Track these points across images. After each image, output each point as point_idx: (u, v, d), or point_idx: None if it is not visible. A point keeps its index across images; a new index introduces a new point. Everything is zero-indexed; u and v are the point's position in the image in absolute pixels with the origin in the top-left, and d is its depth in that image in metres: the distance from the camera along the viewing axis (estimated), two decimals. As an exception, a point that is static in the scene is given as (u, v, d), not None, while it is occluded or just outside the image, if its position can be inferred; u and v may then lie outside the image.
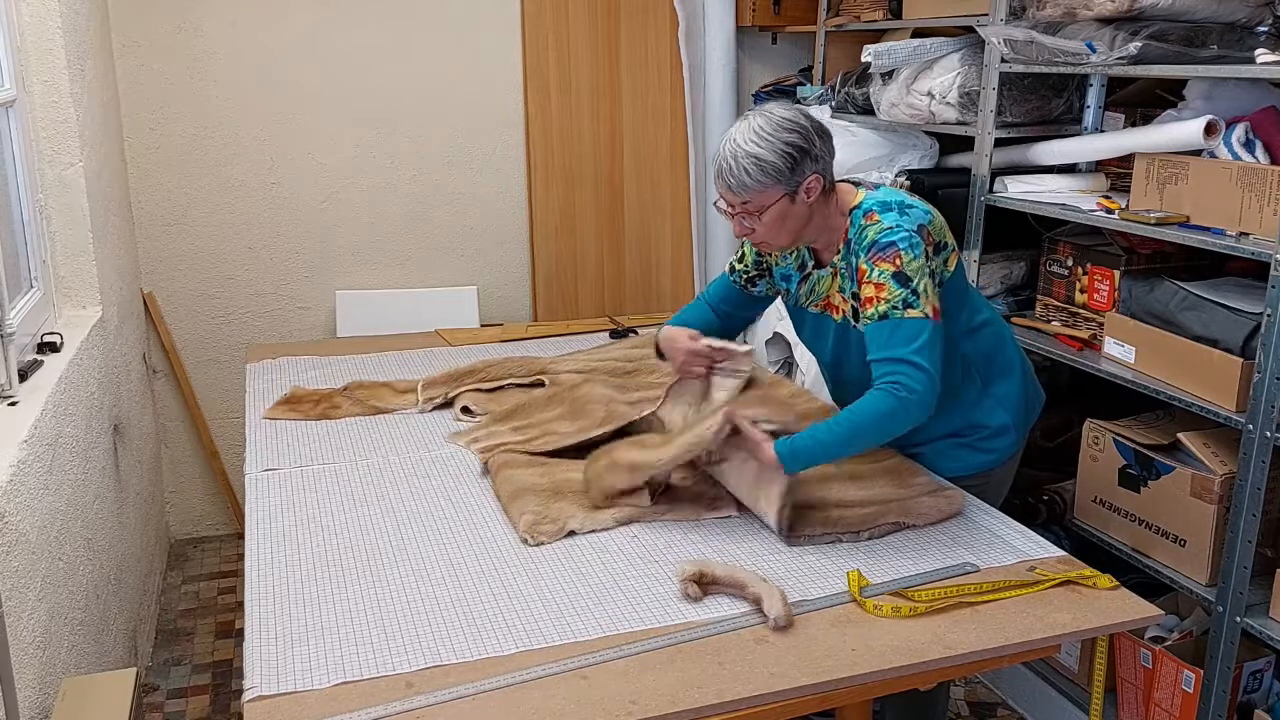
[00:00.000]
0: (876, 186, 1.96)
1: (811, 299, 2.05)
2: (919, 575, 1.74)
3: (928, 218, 1.88)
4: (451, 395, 2.54)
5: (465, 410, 2.46)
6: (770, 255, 2.09)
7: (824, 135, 1.86)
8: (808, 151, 1.82)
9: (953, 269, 1.94)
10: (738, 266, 2.15)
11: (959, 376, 2.01)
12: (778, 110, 1.85)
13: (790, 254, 2.06)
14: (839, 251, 1.95)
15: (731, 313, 2.19)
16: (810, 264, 2.03)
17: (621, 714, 1.38)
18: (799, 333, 2.17)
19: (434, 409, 2.51)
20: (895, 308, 1.80)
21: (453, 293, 3.72)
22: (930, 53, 2.89)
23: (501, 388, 2.57)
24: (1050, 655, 2.50)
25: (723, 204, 1.90)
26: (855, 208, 1.91)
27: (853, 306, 1.95)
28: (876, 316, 1.82)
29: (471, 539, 1.84)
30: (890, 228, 1.84)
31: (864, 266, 1.84)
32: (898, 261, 1.80)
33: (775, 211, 1.85)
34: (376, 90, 3.55)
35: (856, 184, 1.97)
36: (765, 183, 1.81)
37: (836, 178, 1.95)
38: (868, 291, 1.83)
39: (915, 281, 1.80)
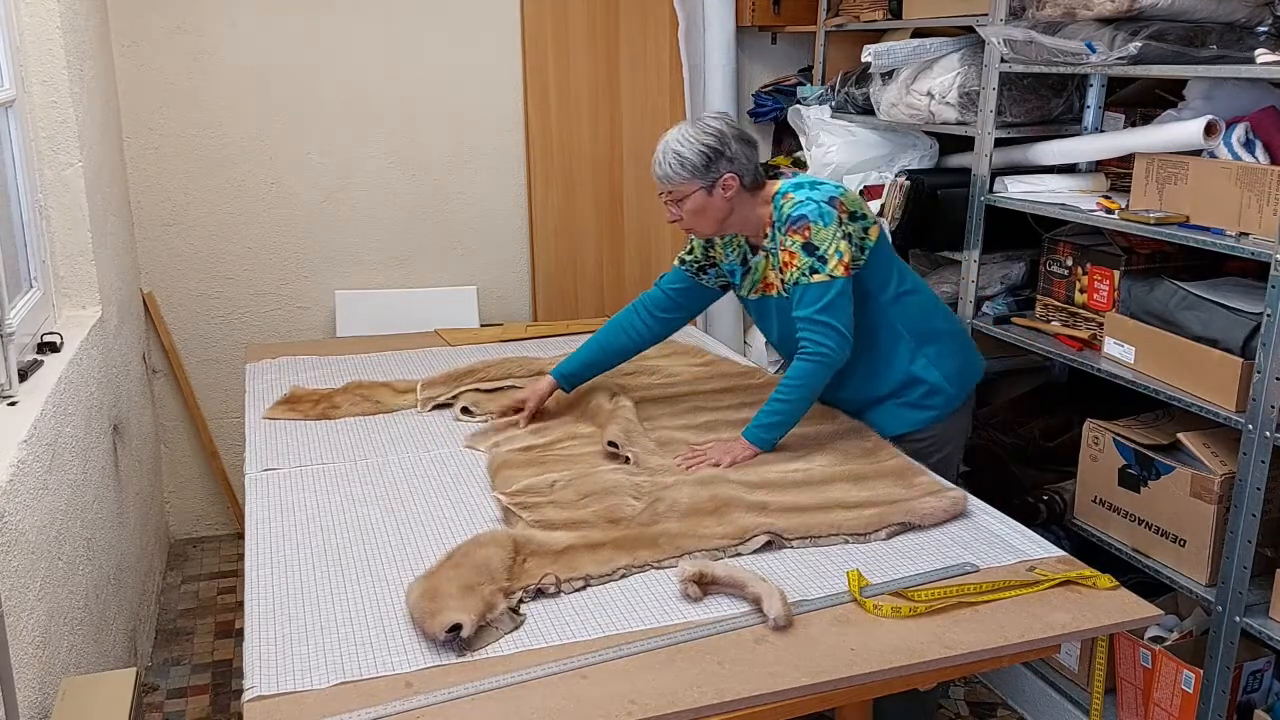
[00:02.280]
0: (795, 174, 2.20)
1: (753, 287, 2.31)
2: (919, 575, 1.74)
3: (839, 191, 2.17)
4: (451, 396, 2.54)
5: (465, 410, 2.46)
6: (715, 249, 2.36)
7: (745, 142, 2.17)
8: (721, 153, 2.13)
9: (875, 239, 2.19)
10: (686, 258, 2.40)
11: (890, 340, 2.24)
12: (706, 118, 2.18)
13: (732, 250, 2.33)
14: (768, 235, 2.22)
15: (683, 303, 2.42)
16: (748, 254, 2.30)
17: (621, 714, 1.38)
18: (756, 322, 2.42)
19: (433, 409, 2.51)
20: (804, 274, 2.10)
21: (452, 293, 3.72)
22: (930, 53, 2.89)
23: (501, 388, 2.57)
24: (1050, 655, 2.50)
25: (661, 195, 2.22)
26: (776, 194, 2.19)
27: (780, 279, 2.20)
28: (790, 282, 2.13)
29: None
30: (800, 201, 2.13)
31: (782, 239, 2.14)
32: (806, 233, 2.10)
33: (694, 201, 2.16)
34: (376, 90, 3.55)
35: (775, 175, 2.31)
36: (684, 175, 2.14)
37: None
38: (784, 259, 2.15)
39: (822, 248, 2.09)
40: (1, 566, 1.60)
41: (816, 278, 2.09)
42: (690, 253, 2.39)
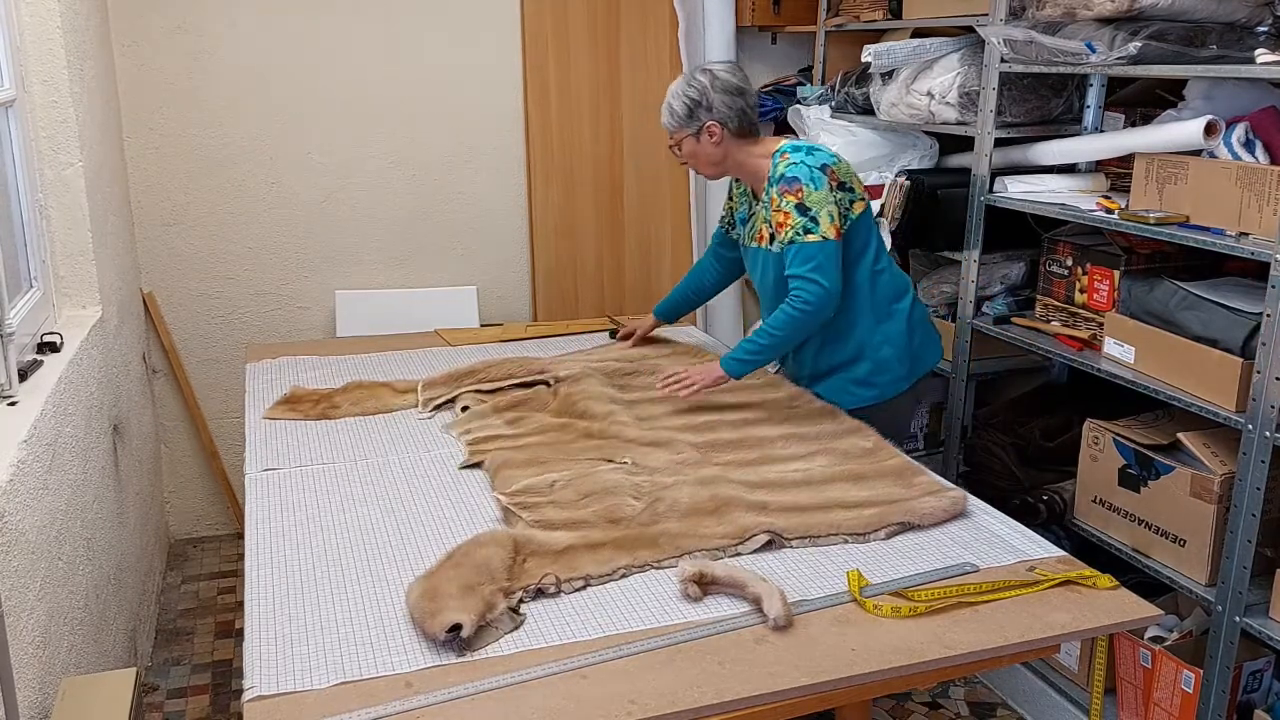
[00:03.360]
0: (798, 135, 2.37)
1: (750, 235, 2.49)
2: (919, 575, 1.74)
3: (833, 160, 2.32)
4: (451, 396, 2.54)
5: (465, 410, 2.46)
6: (733, 199, 2.59)
7: (728, 92, 2.35)
8: (700, 103, 2.35)
9: (858, 214, 2.33)
10: (723, 215, 2.66)
11: (855, 312, 2.39)
12: (696, 70, 2.40)
13: (743, 200, 2.55)
14: (765, 190, 2.37)
15: (726, 254, 2.71)
16: (753, 203, 2.49)
17: (621, 714, 1.38)
18: (750, 275, 2.58)
19: (433, 410, 2.51)
20: (798, 234, 2.24)
21: (452, 293, 3.72)
22: (930, 53, 2.89)
23: (501, 388, 2.57)
24: (1050, 655, 2.50)
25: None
26: (776, 151, 2.35)
27: (770, 232, 2.37)
28: (785, 241, 2.27)
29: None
30: (795, 163, 2.28)
31: (774, 197, 2.29)
32: (800, 194, 2.24)
33: (687, 146, 2.41)
34: (376, 90, 3.55)
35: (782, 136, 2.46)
36: (674, 123, 2.40)
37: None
38: (778, 219, 2.28)
39: (815, 210, 2.23)
40: (1, 566, 1.60)
41: (810, 237, 2.23)
42: (725, 210, 2.64)
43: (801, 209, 2.23)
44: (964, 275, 2.86)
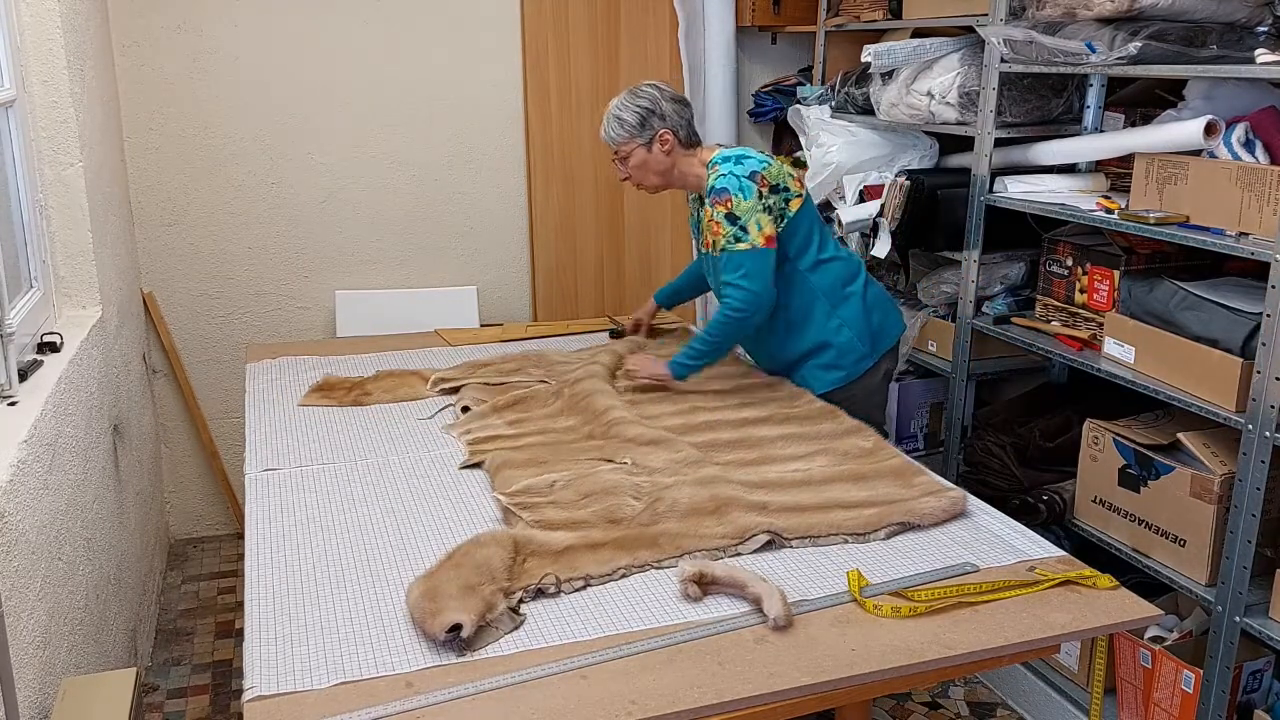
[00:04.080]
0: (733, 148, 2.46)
1: (702, 242, 2.53)
2: (919, 575, 1.74)
3: (763, 165, 2.38)
4: (462, 383, 2.57)
5: (465, 411, 2.47)
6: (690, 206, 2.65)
7: (677, 102, 2.46)
8: (654, 111, 2.43)
9: (796, 210, 2.41)
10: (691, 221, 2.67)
11: (807, 302, 2.48)
12: (641, 85, 2.48)
13: (695, 206, 2.61)
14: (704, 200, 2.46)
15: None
16: (700, 211, 2.54)
17: (621, 714, 1.38)
18: (708, 278, 2.64)
19: (440, 392, 2.58)
20: (729, 242, 2.33)
21: (453, 293, 3.72)
22: (930, 53, 2.89)
23: (506, 382, 2.58)
24: (1050, 655, 2.50)
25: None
26: (709, 162, 2.44)
27: (712, 243, 2.44)
28: (717, 250, 2.37)
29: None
30: (723, 174, 2.35)
31: (707, 208, 2.38)
32: (729, 204, 2.32)
33: (636, 157, 2.47)
34: (376, 90, 3.55)
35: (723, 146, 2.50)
36: (625, 135, 2.45)
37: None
38: (712, 229, 2.38)
39: (744, 219, 2.32)
40: (2, 566, 1.60)
41: (740, 245, 2.33)
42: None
43: (731, 218, 2.32)
44: (964, 275, 2.86)
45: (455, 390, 2.58)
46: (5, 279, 1.98)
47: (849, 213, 3.14)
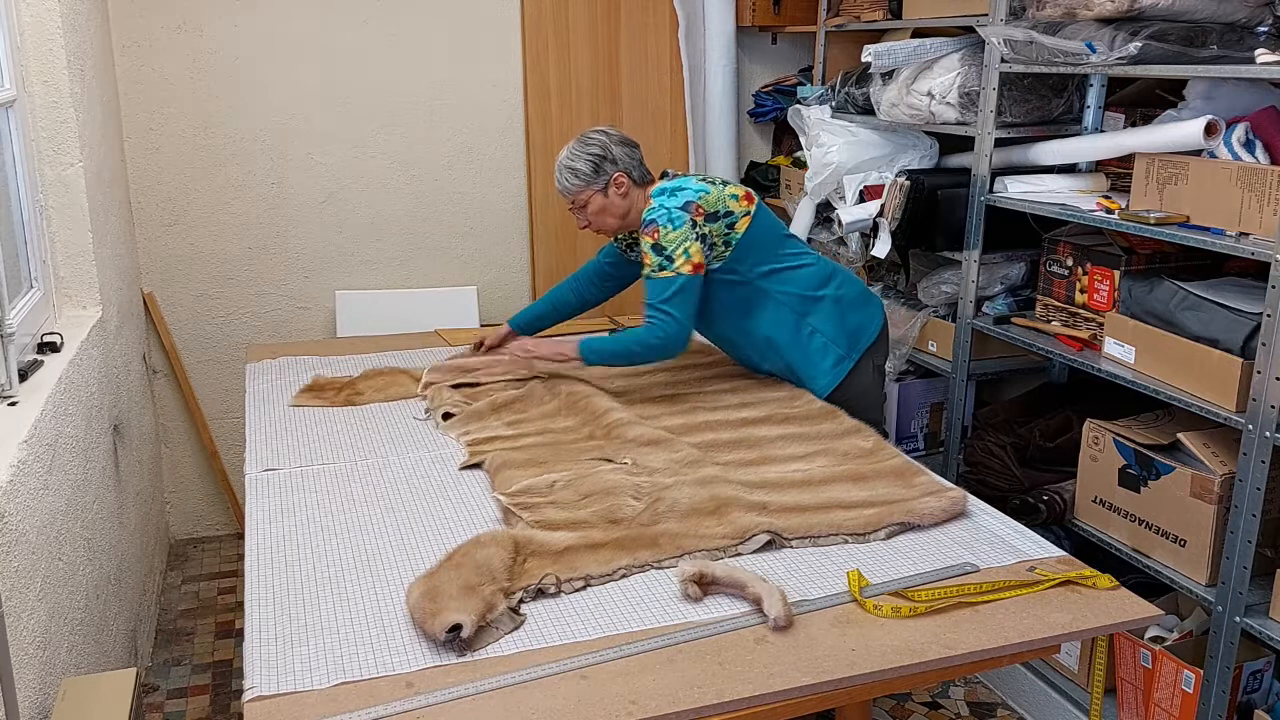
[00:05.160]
0: (675, 177, 2.48)
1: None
2: (919, 575, 1.74)
3: (697, 195, 2.40)
4: (453, 384, 2.56)
5: (447, 417, 2.41)
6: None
7: (625, 144, 2.49)
8: (605, 157, 2.44)
9: (743, 230, 2.43)
10: (619, 235, 2.66)
11: (774, 313, 2.49)
12: (588, 133, 2.48)
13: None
14: None
15: (616, 275, 2.74)
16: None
17: (621, 714, 1.38)
18: None
19: (425, 390, 2.57)
20: (654, 270, 2.37)
21: (453, 293, 3.72)
22: (930, 53, 2.89)
23: (499, 381, 2.58)
24: (1050, 655, 2.50)
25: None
26: (651, 194, 2.45)
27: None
28: (645, 275, 2.41)
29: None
30: (655, 207, 2.39)
31: (640, 237, 2.42)
32: (655, 235, 2.36)
33: (594, 204, 2.47)
34: (376, 90, 3.55)
35: (665, 176, 2.52)
36: (579, 184, 2.45)
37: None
38: (641, 257, 2.43)
39: (670, 249, 2.35)
40: (2, 567, 1.60)
41: (663, 273, 2.36)
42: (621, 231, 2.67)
43: (657, 249, 2.35)
44: (964, 275, 2.86)
45: (442, 391, 2.54)
46: (5, 279, 1.98)
47: (849, 213, 3.14)
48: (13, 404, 1.95)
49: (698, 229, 2.38)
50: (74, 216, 2.57)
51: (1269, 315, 1.97)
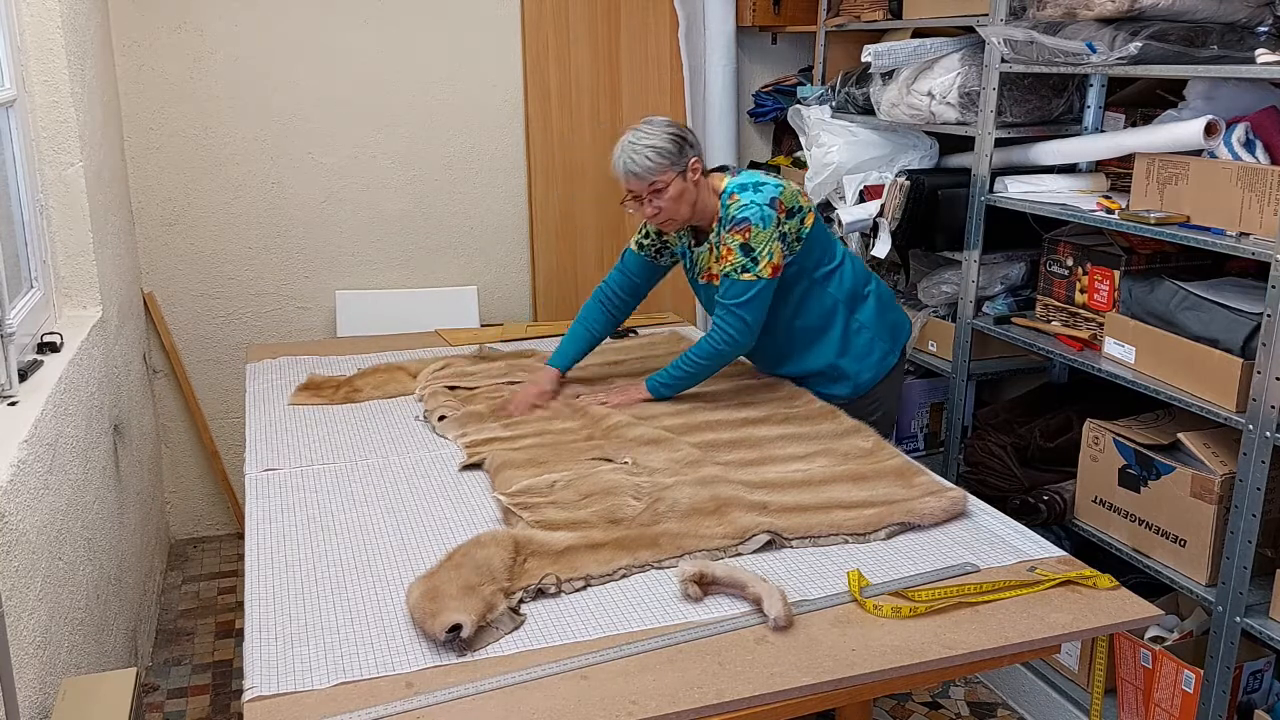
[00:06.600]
0: (739, 172, 2.41)
1: (700, 273, 2.48)
2: (919, 575, 1.74)
3: (779, 190, 2.33)
4: (449, 385, 2.56)
5: (442, 419, 2.41)
6: (668, 234, 2.52)
7: (693, 133, 2.37)
8: (685, 139, 2.32)
9: (810, 226, 2.39)
10: (645, 243, 2.57)
11: (828, 307, 2.45)
12: (652, 117, 2.36)
13: (681, 234, 2.50)
14: (714, 230, 2.38)
15: (642, 283, 2.62)
16: (691, 242, 2.49)
17: (621, 714, 1.38)
18: (702, 304, 2.62)
19: (423, 391, 2.56)
20: (735, 270, 2.30)
21: (453, 293, 3.72)
22: (930, 53, 2.89)
23: (496, 383, 2.58)
24: (1050, 655, 2.50)
25: (630, 199, 2.35)
26: (723, 191, 2.36)
27: (717, 269, 2.38)
28: (722, 274, 2.33)
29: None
30: (745, 204, 2.30)
31: (724, 235, 2.32)
32: (747, 234, 2.28)
33: (675, 189, 2.30)
34: (376, 90, 3.55)
35: (724, 170, 2.44)
36: (663, 164, 2.27)
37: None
38: (723, 253, 2.33)
39: (757, 250, 2.28)
40: (2, 566, 1.60)
41: (745, 276, 2.30)
42: (647, 237, 2.57)
43: (745, 249, 2.29)
44: (964, 275, 2.86)
45: (438, 394, 2.54)
46: (5, 279, 1.98)
47: (849, 213, 3.14)
48: (13, 404, 1.95)
49: (780, 227, 2.32)
50: (74, 216, 2.57)
51: (1269, 315, 1.97)
